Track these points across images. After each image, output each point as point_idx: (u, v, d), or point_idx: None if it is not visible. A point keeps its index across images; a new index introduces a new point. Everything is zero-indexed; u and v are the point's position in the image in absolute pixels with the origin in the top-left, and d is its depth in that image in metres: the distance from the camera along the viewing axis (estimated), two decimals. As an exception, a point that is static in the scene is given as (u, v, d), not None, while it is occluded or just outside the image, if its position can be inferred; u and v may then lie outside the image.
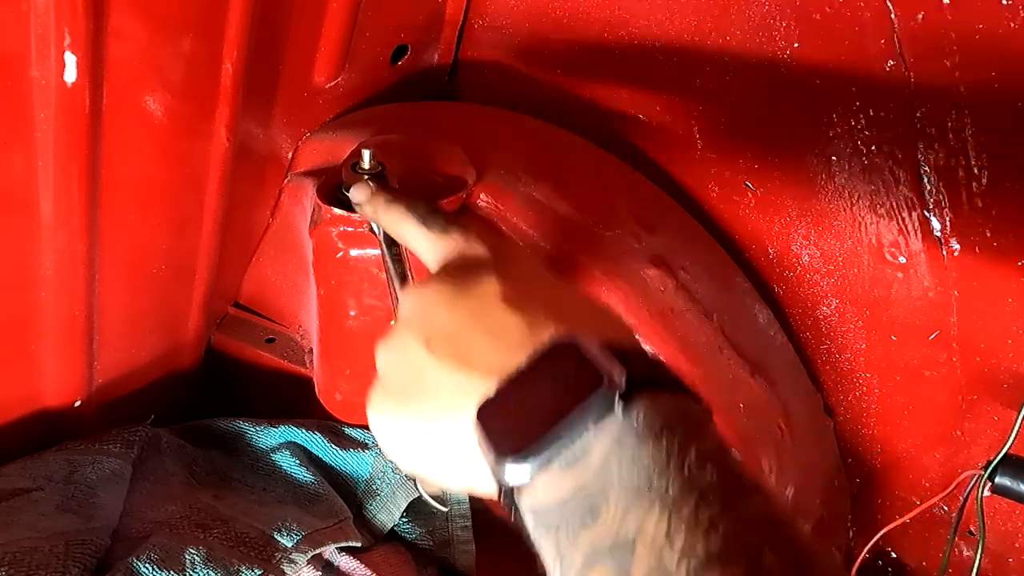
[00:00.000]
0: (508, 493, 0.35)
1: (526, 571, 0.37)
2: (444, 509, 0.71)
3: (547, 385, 0.35)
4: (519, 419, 0.35)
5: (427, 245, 0.48)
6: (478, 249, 0.45)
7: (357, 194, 0.54)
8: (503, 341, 0.38)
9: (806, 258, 0.76)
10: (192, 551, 0.58)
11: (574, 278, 0.64)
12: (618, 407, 0.33)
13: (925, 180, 0.68)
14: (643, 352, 0.37)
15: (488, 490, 0.38)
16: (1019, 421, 0.64)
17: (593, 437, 0.33)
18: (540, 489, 0.33)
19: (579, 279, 0.64)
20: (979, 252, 0.68)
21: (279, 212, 0.74)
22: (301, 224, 0.72)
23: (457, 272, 0.44)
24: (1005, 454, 0.65)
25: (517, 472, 0.33)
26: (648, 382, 0.34)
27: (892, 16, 0.63)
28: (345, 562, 0.63)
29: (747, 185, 0.76)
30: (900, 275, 0.72)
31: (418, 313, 0.43)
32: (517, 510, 0.34)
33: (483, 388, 0.37)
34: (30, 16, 0.46)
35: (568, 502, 0.33)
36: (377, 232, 0.54)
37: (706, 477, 0.31)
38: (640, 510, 0.30)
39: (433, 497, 0.62)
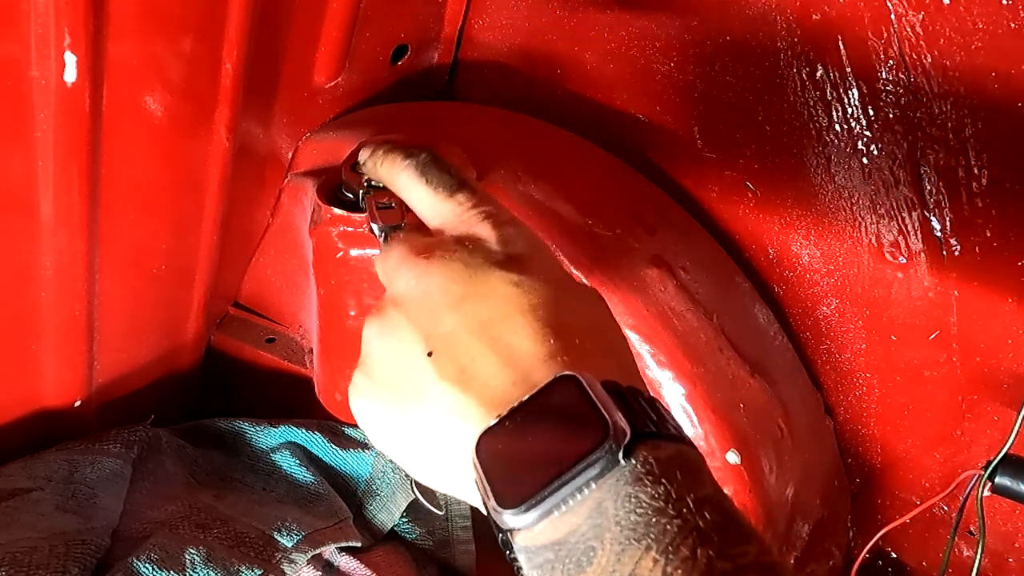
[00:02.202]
0: (503, 531, 0.34)
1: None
2: (440, 513, 0.71)
3: (550, 427, 0.34)
4: (520, 464, 0.34)
5: (428, 203, 0.44)
6: (490, 232, 0.41)
7: (363, 153, 0.51)
8: (511, 367, 0.36)
9: (806, 258, 0.76)
10: (192, 551, 0.58)
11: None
12: (621, 460, 0.32)
13: (925, 180, 0.68)
14: (644, 393, 0.36)
15: (473, 503, 0.37)
16: (1019, 421, 0.64)
17: (595, 484, 0.32)
18: (536, 531, 0.33)
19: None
20: (979, 252, 0.68)
21: (279, 212, 0.74)
22: (301, 224, 0.72)
23: (466, 252, 0.40)
24: (1005, 454, 0.65)
25: (517, 521, 0.33)
26: (647, 427, 0.33)
27: (892, 16, 0.63)
28: (345, 562, 0.63)
29: (747, 185, 0.76)
30: (900, 275, 0.72)
31: (418, 297, 0.40)
32: (511, 547, 0.34)
33: (484, 418, 0.35)
34: (30, 16, 0.46)
35: (563, 544, 0.32)
36: (377, 233, 0.54)
37: (703, 521, 0.30)
38: (636, 553, 0.30)
39: (429, 500, 0.62)
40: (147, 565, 0.57)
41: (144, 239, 0.63)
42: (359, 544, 0.65)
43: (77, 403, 0.67)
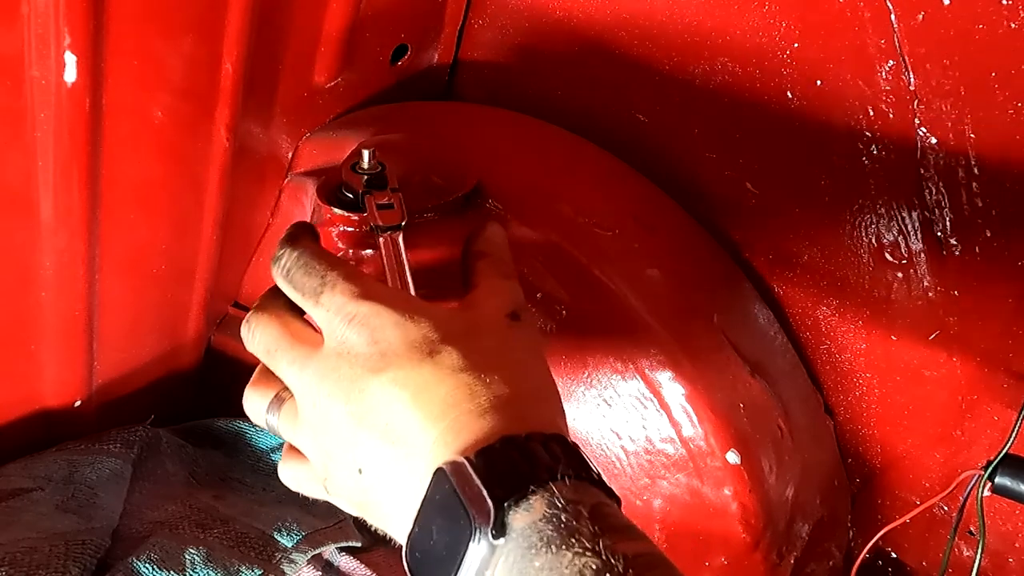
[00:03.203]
0: None
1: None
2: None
3: (441, 526, 0.37)
4: (433, 566, 0.37)
5: (304, 307, 0.45)
6: (358, 335, 0.42)
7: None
8: (416, 461, 0.39)
9: (806, 258, 0.76)
10: (192, 551, 0.58)
11: (574, 279, 0.64)
12: (496, 542, 0.35)
13: (925, 180, 0.68)
14: (540, 436, 0.38)
15: None
16: (1019, 421, 0.64)
17: (490, 568, 0.35)
18: None
19: (580, 281, 0.64)
20: (979, 252, 0.68)
21: (279, 212, 0.74)
22: (301, 224, 0.72)
23: (347, 366, 0.42)
24: (1005, 454, 0.65)
25: None
26: (538, 478, 0.36)
27: (892, 16, 0.63)
28: (345, 562, 0.63)
29: (747, 185, 0.76)
30: (900, 275, 0.72)
31: (332, 426, 0.42)
32: None
33: (410, 517, 0.39)
34: (30, 16, 0.46)
35: None
36: (378, 234, 0.54)
37: (582, 572, 0.33)
38: None
39: None
40: (147, 565, 0.57)
41: (144, 239, 0.63)
42: (359, 544, 0.65)
43: (77, 403, 0.67)
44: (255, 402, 0.48)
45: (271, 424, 0.48)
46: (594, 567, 0.33)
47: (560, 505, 0.35)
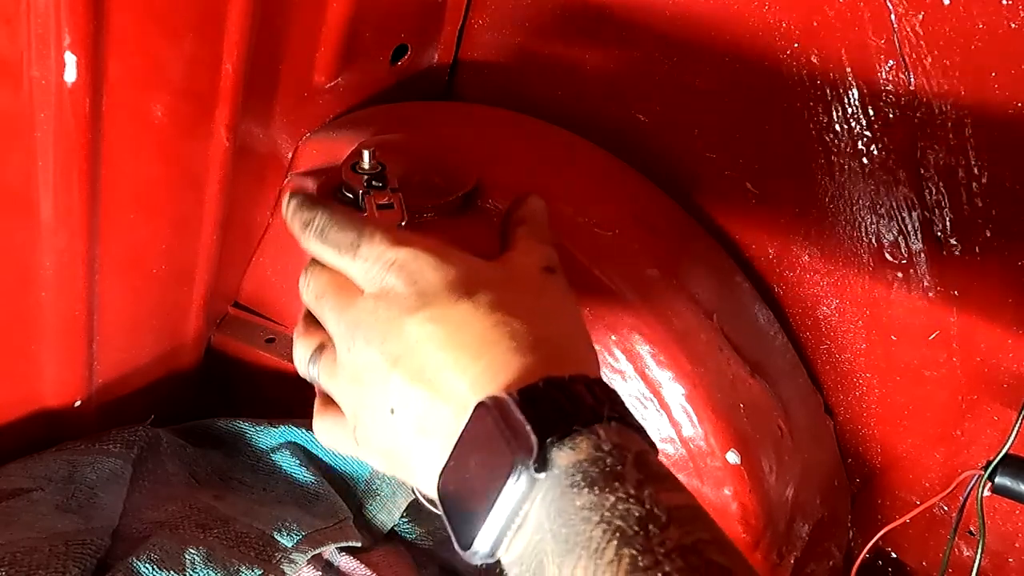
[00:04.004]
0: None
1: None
2: (440, 512, 0.71)
3: (478, 459, 0.37)
4: (465, 501, 0.37)
5: (339, 266, 0.45)
6: (397, 278, 0.42)
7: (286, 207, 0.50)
8: (451, 403, 0.39)
9: (806, 258, 0.76)
10: (192, 551, 0.58)
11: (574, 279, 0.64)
12: (539, 475, 0.34)
13: (925, 180, 0.68)
14: (582, 376, 0.38)
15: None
16: (1019, 421, 0.64)
17: (528, 502, 0.35)
18: (499, 555, 0.36)
19: (580, 281, 0.64)
20: (979, 252, 0.68)
21: (279, 212, 0.74)
22: (301, 224, 0.71)
23: (384, 309, 0.42)
24: (1005, 454, 0.65)
25: (481, 552, 0.36)
26: (580, 419, 0.35)
27: (892, 16, 0.63)
28: (345, 562, 0.63)
29: (747, 185, 0.76)
30: (900, 275, 0.72)
31: (368, 365, 0.42)
32: (495, 566, 0.37)
33: (443, 459, 0.39)
34: (30, 16, 0.46)
35: (522, 560, 0.35)
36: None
37: (625, 521, 0.32)
38: (571, 560, 0.32)
39: (429, 500, 0.62)
40: (147, 565, 0.57)
41: (144, 239, 0.63)
42: (359, 544, 0.65)
43: (77, 403, 0.67)
44: (300, 351, 0.48)
45: (312, 374, 0.48)
46: (637, 514, 0.32)
47: (606, 449, 0.35)
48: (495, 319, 0.40)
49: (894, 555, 0.85)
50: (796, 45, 0.68)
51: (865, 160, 0.69)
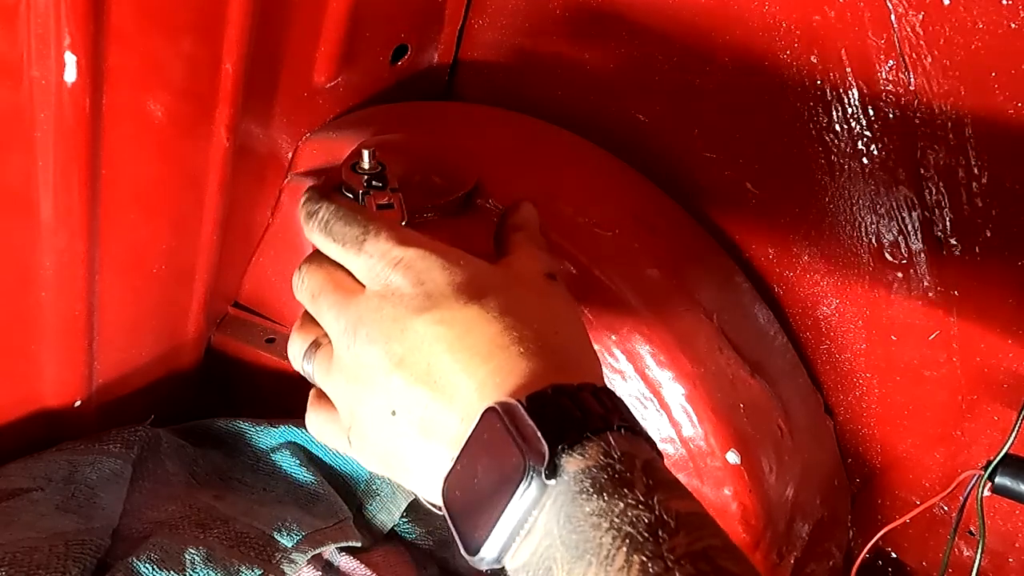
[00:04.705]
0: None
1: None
2: (440, 512, 0.71)
3: (488, 464, 0.36)
4: (473, 505, 0.36)
5: (344, 260, 0.45)
6: (403, 277, 0.42)
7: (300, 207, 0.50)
8: (456, 405, 0.39)
9: (806, 258, 0.76)
10: (192, 551, 0.58)
11: (574, 279, 0.64)
12: (549, 482, 0.34)
13: (925, 180, 0.68)
14: (588, 384, 0.38)
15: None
16: (1019, 421, 0.64)
17: (537, 509, 0.35)
18: (505, 561, 0.36)
19: (580, 281, 0.64)
20: (979, 252, 0.68)
21: (279, 212, 0.74)
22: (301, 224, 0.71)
23: (390, 307, 0.42)
24: (1005, 454, 0.65)
25: (487, 558, 0.36)
26: (590, 426, 0.35)
27: (892, 16, 0.63)
28: (345, 562, 0.63)
29: (747, 185, 0.76)
30: (900, 275, 0.72)
31: (370, 364, 0.42)
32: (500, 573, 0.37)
33: (447, 463, 0.38)
34: (30, 16, 0.46)
35: (529, 566, 0.35)
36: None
37: (634, 527, 0.32)
38: (580, 567, 0.32)
39: (430, 503, 0.63)
40: (147, 565, 0.57)
41: (144, 239, 0.63)
42: (359, 544, 0.65)
43: (77, 403, 0.67)
44: (295, 347, 0.48)
45: (307, 371, 0.47)
46: (646, 520, 0.32)
47: (615, 456, 0.35)
48: (504, 324, 0.40)
49: (894, 555, 0.85)
50: (796, 45, 0.68)
51: (865, 160, 0.69)
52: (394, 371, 0.41)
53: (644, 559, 0.31)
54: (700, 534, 0.33)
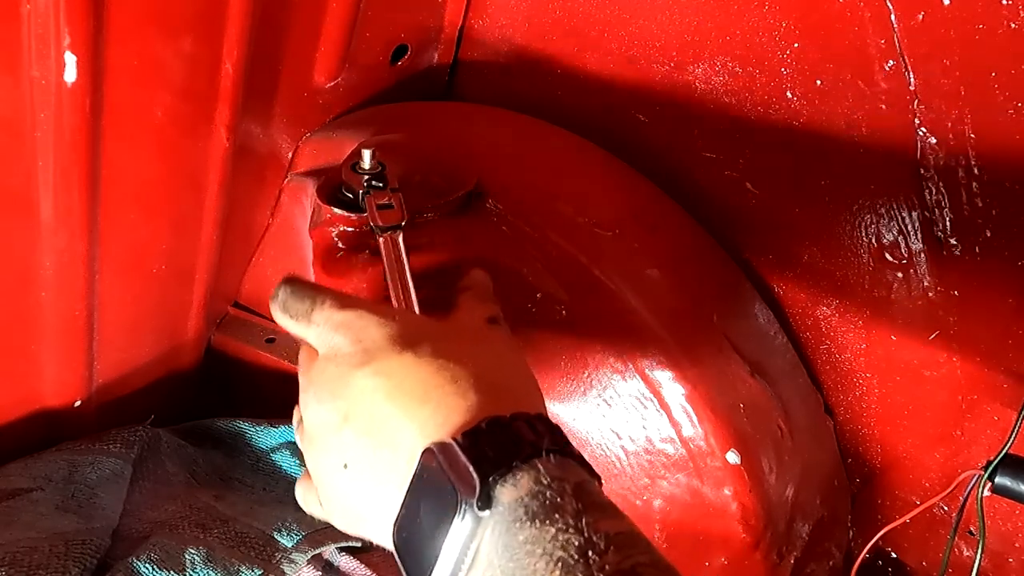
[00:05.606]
0: None
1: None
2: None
3: (430, 502, 0.38)
4: (419, 543, 0.38)
5: (300, 334, 0.48)
6: (343, 337, 0.44)
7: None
8: (401, 451, 0.40)
9: (806, 258, 0.76)
10: (192, 551, 0.58)
11: (574, 279, 0.64)
12: (483, 513, 0.36)
13: (925, 180, 0.68)
14: (524, 416, 0.40)
15: None
16: (1019, 421, 0.64)
17: (475, 541, 0.36)
18: None
19: (580, 281, 0.64)
20: (979, 252, 0.68)
21: (279, 212, 0.74)
22: (301, 224, 0.72)
23: (333, 367, 0.44)
24: (1005, 454, 0.65)
25: None
26: (521, 454, 0.37)
27: (892, 16, 0.63)
28: (345, 562, 0.63)
29: (747, 185, 0.76)
30: (900, 275, 0.72)
31: (320, 423, 0.44)
32: None
33: (391, 513, 0.40)
34: (30, 16, 0.46)
35: None
36: (378, 234, 0.54)
37: (565, 551, 0.34)
38: None
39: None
40: (147, 565, 0.57)
41: (144, 239, 0.63)
42: (359, 544, 0.65)
43: (77, 403, 0.67)
44: (295, 424, 0.50)
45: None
46: (576, 544, 0.34)
47: (545, 482, 0.36)
48: (437, 366, 0.42)
49: (894, 555, 0.85)
50: (796, 45, 0.68)
51: (865, 160, 0.69)
52: (343, 426, 0.42)
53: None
54: (629, 552, 0.34)
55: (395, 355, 0.42)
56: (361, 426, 0.42)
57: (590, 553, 0.33)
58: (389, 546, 0.41)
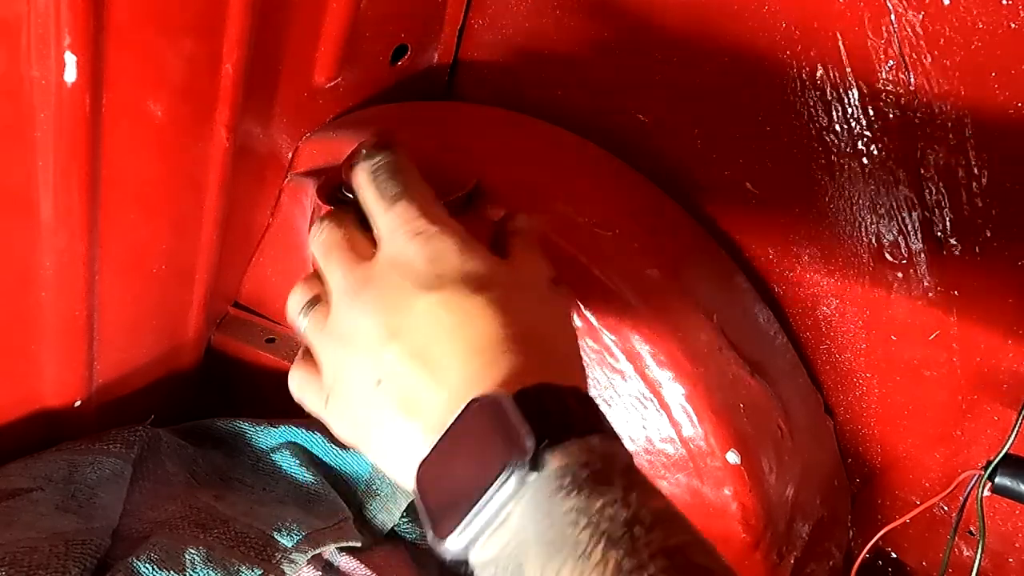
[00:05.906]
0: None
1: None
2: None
3: (470, 452, 0.37)
4: (449, 492, 0.37)
5: (372, 208, 0.45)
6: (418, 251, 0.42)
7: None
8: (446, 390, 0.39)
9: (806, 258, 0.76)
10: (192, 551, 0.58)
11: (574, 279, 0.64)
12: (529, 476, 0.35)
13: (925, 180, 0.68)
14: (577, 389, 0.39)
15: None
16: (1019, 421, 0.64)
17: (513, 502, 0.35)
18: (474, 552, 0.36)
19: (580, 281, 0.64)
20: (979, 252, 0.68)
21: (279, 212, 0.74)
22: (301, 224, 0.71)
23: (397, 277, 0.42)
24: (1005, 454, 0.65)
25: (453, 548, 0.36)
26: (561, 431, 0.36)
27: (892, 16, 0.63)
28: (345, 562, 0.63)
29: (747, 185, 0.76)
30: (900, 275, 0.72)
31: (363, 330, 0.42)
32: (461, 565, 0.37)
33: (425, 445, 0.38)
34: (30, 16, 0.46)
35: (498, 561, 0.35)
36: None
37: (610, 525, 0.33)
38: (555, 563, 0.33)
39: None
40: (147, 565, 0.57)
41: (144, 239, 0.63)
42: (359, 544, 0.65)
43: (77, 403, 0.67)
44: (295, 298, 0.48)
45: (301, 324, 0.47)
46: (623, 518, 0.33)
47: (598, 454, 0.35)
48: (503, 320, 0.40)
49: (894, 555, 0.85)
50: (796, 45, 0.68)
51: (865, 160, 0.69)
52: (388, 341, 0.41)
53: (619, 556, 0.32)
54: (674, 530, 0.34)
55: (467, 293, 0.41)
56: (409, 350, 0.40)
57: (636, 528, 0.33)
58: (399, 478, 0.40)
